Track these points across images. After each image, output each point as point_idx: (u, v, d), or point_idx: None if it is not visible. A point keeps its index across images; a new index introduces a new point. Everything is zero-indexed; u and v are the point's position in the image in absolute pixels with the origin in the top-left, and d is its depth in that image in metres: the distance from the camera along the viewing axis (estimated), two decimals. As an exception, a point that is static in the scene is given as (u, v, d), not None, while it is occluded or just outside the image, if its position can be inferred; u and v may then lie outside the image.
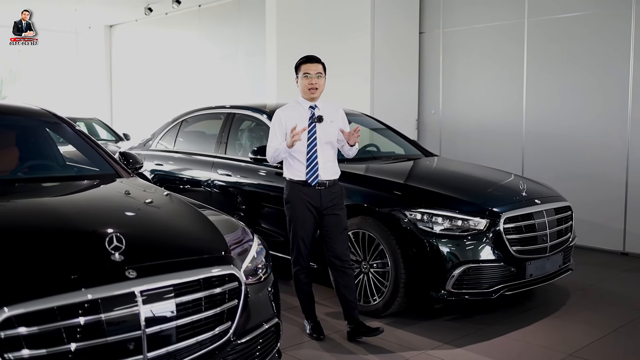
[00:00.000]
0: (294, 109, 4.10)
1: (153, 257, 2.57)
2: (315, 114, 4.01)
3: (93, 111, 14.53)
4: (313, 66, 4.01)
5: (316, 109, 4.04)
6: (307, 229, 4.02)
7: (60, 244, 2.55)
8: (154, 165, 6.60)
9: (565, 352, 3.88)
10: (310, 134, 3.98)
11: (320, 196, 3.98)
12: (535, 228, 4.48)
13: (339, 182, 4.10)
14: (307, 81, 3.99)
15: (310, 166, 3.97)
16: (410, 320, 4.41)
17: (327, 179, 3.99)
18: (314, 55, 4.09)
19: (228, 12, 11.65)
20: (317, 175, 3.96)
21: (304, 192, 3.98)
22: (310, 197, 3.97)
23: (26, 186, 3.52)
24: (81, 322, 2.22)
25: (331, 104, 4.18)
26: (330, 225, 4.01)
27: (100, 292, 2.28)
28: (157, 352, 2.38)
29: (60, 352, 2.18)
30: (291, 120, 3.97)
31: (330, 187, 4.02)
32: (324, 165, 3.99)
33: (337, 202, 4.05)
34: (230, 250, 2.85)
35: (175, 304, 2.45)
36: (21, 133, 4.09)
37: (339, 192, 4.10)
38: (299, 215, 4.01)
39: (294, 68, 4.10)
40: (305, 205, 3.98)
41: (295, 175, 4.02)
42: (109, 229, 2.60)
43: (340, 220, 4.04)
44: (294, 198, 4.03)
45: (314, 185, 3.96)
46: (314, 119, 3.99)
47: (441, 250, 4.20)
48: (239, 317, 2.69)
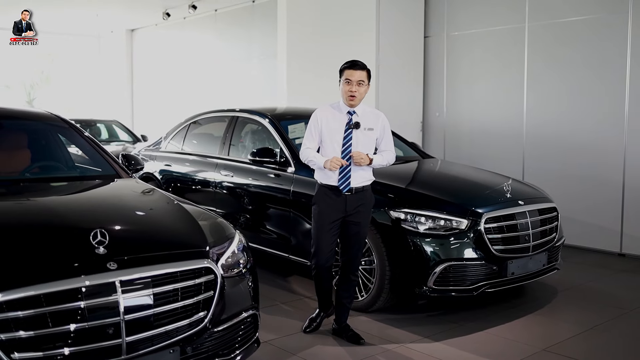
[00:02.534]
0: (333, 110, 4.04)
1: (134, 251, 2.83)
2: (352, 120, 3.96)
3: (115, 113, 14.99)
4: (356, 73, 3.93)
5: (354, 115, 3.99)
6: (332, 233, 4.02)
7: (50, 238, 2.83)
8: (163, 165, 6.90)
9: (539, 347, 4.05)
10: (345, 141, 3.95)
11: (346, 202, 3.98)
12: (518, 228, 4.65)
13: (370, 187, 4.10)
14: (347, 87, 3.93)
15: (343, 172, 3.94)
16: (396, 315, 4.61)
17: (357, 185, 3.99)
18: (358, 61, 3.98)
19: (242, 16, 11.96)
20: (349, 182, 3.94)
21: (331, 197, 3.98)
22: (338, 203, 3.97)
23: (30, 186, 3.82)
24: (64, 308, 2.49)
25: (372, 111, 4.14)
26: (351, 234, 4.05)
27: (82, 281, 2.54)
28: (135, 336, 2.64)
29: (45, 335, 2.45)
30: (328, 122, 3.98)
31: (358, 194, 4.00)
32: (356, 172, 3.97)
33: (363, 209, 4.04)
34: (209, 246, 3.09)
35: (152, 293, 2.71)
36: (31, 136, 4.39)
37: (367, 199, 4.07)
38: (323, 218, 4.01)
39: (339, 71, 4.03)
40: (332, 210, 3.98)
41: (326, 179, 4.00)
42: (96, 225, 2.85)
43: (359, 230, 4.05)
44: (320, 201, 4.04)
45: (345, 191, 3.96)
46: (350, 125, 3.95)
47: (424, 248, 4.40)
48: (214, 306, 2.93)
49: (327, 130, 4.00)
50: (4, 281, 2.45)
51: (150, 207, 3.54)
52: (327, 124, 4.00)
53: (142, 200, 3.66)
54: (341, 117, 4.00)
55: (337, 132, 3.97)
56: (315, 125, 4.04)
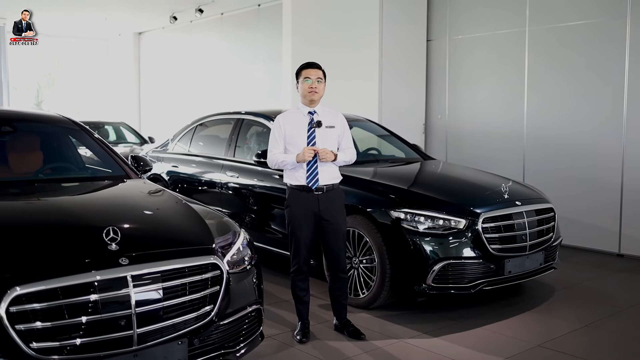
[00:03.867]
0: (293, 114, 4.26)
1: (144, 247, 2.98)
2: (314, 120, 4.16)
3: (123, 115, 15.19)
4: (313, 71, 4.18)
5: (315, 114, 4.19)
6: (306, 234, 4.15)
7: (65, 235, 2.99)
8: (170, 167, 7.07)
9: (534, 342, 4.18)
10: (309, 140, 4.14)
11: (318, 201, 4.13)
12: (515, 228, 4.78)
13: (339, 186, 4.27)
14: (307, 85, 4.14)
15: (310, 171, 4.10)
16: (396, 312, 4.76)
17: (325, 183, 4.14)
18: (314, 62, 4.27)
19: (248, 19, 12.14)
20: (316, 179, 4.10)
21: (303, 197, 4.14)
22: (308, 202, 4.12)
23: (44, 186, 3.98)
24: (79, 301, 2.64)
25: (330, 110, 4.31)
26: (329, 232, 4.18)
27: (95, 276, 2.70)
28: (145, 328, 2.79)
29: (61, 326, 2.61)
30: (290, 126, 4.18)
31: (329, 192, 4.16)
32: (323, 170, 4.13)
33: (338, 207, 4.21)
34: (215, 243, 3.24)
35: (162, 287, 2.86)
36: (43, 138, 4.55)
37: (338, 197, 4.25)
38: (297, 219, 4.15)
39: (295, 74, 4.29)
40: (304, 210, 4.13)
41: (295, 180, 4.16)
42: (108, 223, 3.00)
43: (338, 228, 4.19)
44: (293, 203, 4.18)
45: (314, 190, 4.12)
46: (313, 125, 4.14)
47: (423, 247, 4.54)
48: (220, 301, 3.09)
49: (291, 133, 4.17)
50: (23, 275, 2.61)
51: (158, 207, 3.70)
52: (290, 127, 4.18)
53: (151, 200, 3.82)
54: (303, 119, 4.19)
55: (300, 133, 4.15)
56: (279, 131, 4.21)
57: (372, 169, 5.59)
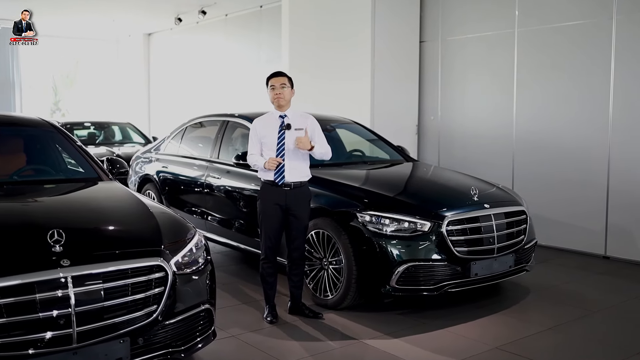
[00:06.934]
0: (267, 118, 4.72)
1: (88, 249, 3.10)
2: (284, 123, 4.58)
3: (133, 115, 15.43)
4: (277, 79, 4.65)
5: (285, 118, 4.62)
6: (273, 225, 4.61)
7: (10, 237, 3.13)
8: (160, 167, 7.22)
9: (492, 345, 4.22)
10: (279, 141, 4.56)
11: (286, 196, 4.56)
12: (482, 230, 4.82)
13: (308, 185, 4.67)
14: (274, 92, 4.62)
15: (277, 172, 4.54)
16: (364, 312, 4.82)
17: (292, 180, 4.56)
18: (278, 71, 4.80)
19: (251, 20, 12.27)
20: (283, 177, 4.53)
21: (272, 192, 4.59)
22: (277, 196, 4.56)
23: (13, 189, 4.12)
24: (19, 301, 2.77)
25: (301, 114, 4.76)
26: (292, 224, 4.63)
27: (36, 277, 2.82)
28: (85, 327, 2.91)
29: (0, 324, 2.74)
30: (264, 128, 4.64)
31: (296, 189, 4.58)
32: (290, 168, 4.54)
33: (302, 203, 4.64)
34: (164, 244, 3.34)
35: (103, 288, 2.98)
36: (21, 141, 4.70)
37: (305, 194, 4.67)
38: (266, 211, 4.61)
39: (265, 84, 4.71)
40: (272, 203, 4.58)
41: (266, 176, 4.62)
42: (55, 225, 3.12)
43: (301, 222, 4.65)
44: (263, 196, 4.66)
45: (281, 185, 4.52)
46: (283, 127, 4.57)
47: (388, 249, 4.60)
48: (164, 301, 3.19)
49: (264, 135, 4.63)
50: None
51: (114, 209, 3.82)
52: (263, 130, 4.65)
53: (109, 203, 3.94)
54: (275, 122, 4.63)
55: (272, 135, 4.58)
56: (255, 134, 4.72)
57: (346, 172, 5.65)
